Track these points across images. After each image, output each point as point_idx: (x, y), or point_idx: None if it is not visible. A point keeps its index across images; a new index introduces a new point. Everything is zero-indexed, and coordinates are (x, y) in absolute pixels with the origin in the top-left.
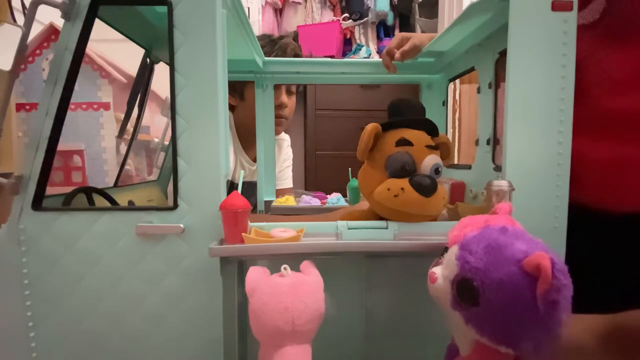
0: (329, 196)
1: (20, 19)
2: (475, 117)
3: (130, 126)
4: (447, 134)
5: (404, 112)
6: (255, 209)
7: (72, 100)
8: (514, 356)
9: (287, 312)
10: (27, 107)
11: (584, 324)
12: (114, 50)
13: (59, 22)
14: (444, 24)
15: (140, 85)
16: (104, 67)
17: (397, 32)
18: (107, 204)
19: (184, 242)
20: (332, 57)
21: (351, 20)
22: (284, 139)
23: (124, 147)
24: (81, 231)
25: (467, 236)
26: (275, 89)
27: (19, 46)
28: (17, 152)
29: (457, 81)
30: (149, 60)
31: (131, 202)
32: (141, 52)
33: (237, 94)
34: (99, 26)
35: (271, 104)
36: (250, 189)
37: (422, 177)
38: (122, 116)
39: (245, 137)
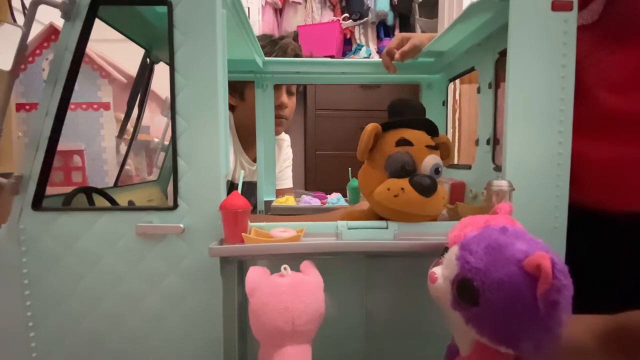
0: (329, 196)
1: (20, 19)
2: (475, 117)
3: (130, 126)
4: (447, 134)
5: (404, 112)
6: (255, 209)
7: (72, 100)
8: (514, 356)
9: (287, 312)
10: (27, 107)
11: (584, 324)
12: (114, 50)
13: (59, 22)
14: (444, 24)
15: (140, 85)
16: (104, 67)
17: (397, 32)
18: (107, 204)
19: (184, 242)
20: (332, 57)
21: (351, 20)
22: (284, 139)
23: (124, 147)
24: (81, 231)
25: (467, 236)
26: (275, 89)
27: (19, 46)
28: (17, 152)
29: (457, 81)
30: (149, 60)
31: (131, 202)
32: (141, 52)
33: (237, 94)
34: (99, 26)
35: (271, 104)
36: (250, 189)
37: (422, 177)
38: (122, 116)
39: (245, 137)
